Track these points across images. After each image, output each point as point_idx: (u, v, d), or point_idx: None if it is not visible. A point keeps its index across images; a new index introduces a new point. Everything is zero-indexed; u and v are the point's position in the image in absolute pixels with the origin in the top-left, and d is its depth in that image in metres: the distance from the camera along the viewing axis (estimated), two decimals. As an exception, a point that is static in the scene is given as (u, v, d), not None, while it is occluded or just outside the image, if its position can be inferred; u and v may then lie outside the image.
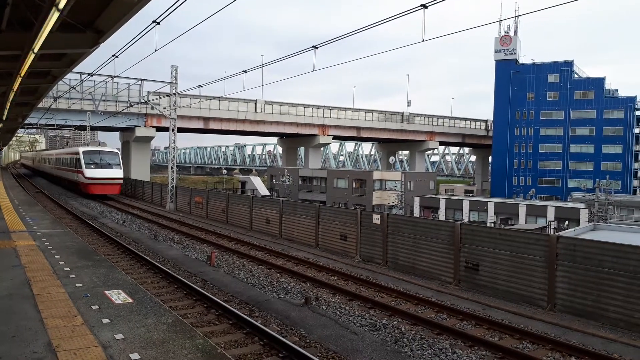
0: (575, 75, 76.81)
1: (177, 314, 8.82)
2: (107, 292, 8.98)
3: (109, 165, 39.94)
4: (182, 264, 16.19)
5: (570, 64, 75.63)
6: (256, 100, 64.85)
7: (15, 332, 6.86)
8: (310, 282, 14.23)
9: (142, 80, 38.10)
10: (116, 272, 10.83)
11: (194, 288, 12.32)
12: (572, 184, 74.67)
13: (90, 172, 38.85)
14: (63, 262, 11.48)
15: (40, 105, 31.81)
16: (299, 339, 9.47)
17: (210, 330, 9.77)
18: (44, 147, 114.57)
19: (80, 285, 9.49)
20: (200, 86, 27.85)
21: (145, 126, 57.72)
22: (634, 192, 71.35)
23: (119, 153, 43.84)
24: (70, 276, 10.16)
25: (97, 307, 8.10)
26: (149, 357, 6.10)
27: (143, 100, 41.72)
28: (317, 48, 16.79)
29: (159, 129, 59.17)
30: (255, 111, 64.68)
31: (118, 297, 8.73)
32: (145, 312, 7.94)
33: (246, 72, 22.71)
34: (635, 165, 73.64)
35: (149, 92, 44.24)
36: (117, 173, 40.09)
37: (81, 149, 41.06)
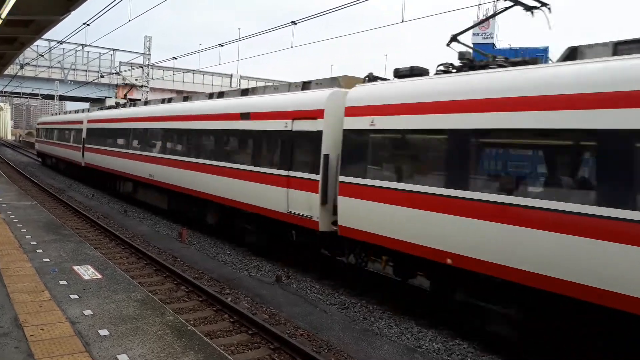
0: (550, 61, 77.79)
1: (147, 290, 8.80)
2: (75, 268, 8.88)
3: None
4: (152, 239, 16.06)
5: (545, 50, 76.39)
6: (231, 75, 63.92)
7: (-20, 307, 6.75)
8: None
9: (114, 50, 37.16)
10: (85, 247, 10.71)
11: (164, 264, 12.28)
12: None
13: None
14: (30, 236, 11.27)
15: (6, 72, 30.72)
16: (268, 317, 9.58)
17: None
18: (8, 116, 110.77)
19: (48, 260, 9.35)
20: (175, 58, 27.40)
21: (116, 97, 56.33)
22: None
23: None
24: (37, 250, 10.00)
25: (65, 282, 8.01)
26: (118, 333, 6.11)
27: (115, 71, 40.71)
28: (295, 24, 16.62)
29: (130, 100, 57.82)
30: (231, 86, 63.78)
31: (87, 272, 8.65)
32: (114, 288, 7.90)
33: (222, 46, 22.39)
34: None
35: (120, 63, 43.10)
36: None
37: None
